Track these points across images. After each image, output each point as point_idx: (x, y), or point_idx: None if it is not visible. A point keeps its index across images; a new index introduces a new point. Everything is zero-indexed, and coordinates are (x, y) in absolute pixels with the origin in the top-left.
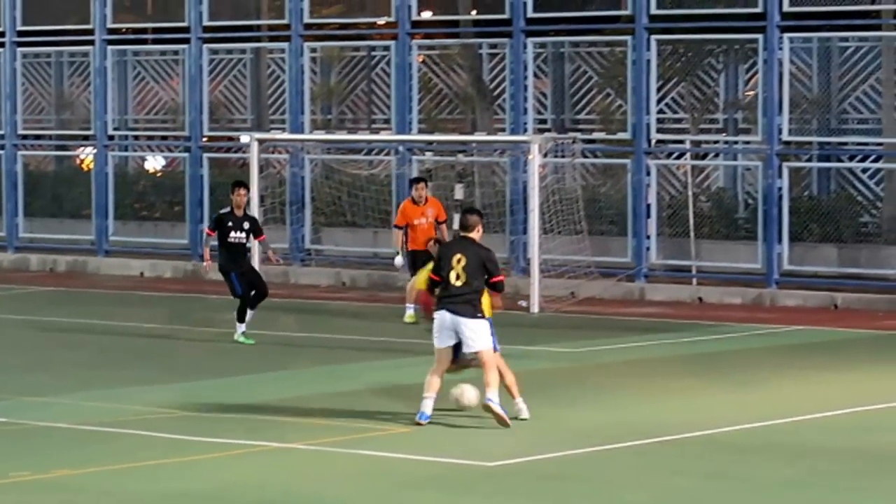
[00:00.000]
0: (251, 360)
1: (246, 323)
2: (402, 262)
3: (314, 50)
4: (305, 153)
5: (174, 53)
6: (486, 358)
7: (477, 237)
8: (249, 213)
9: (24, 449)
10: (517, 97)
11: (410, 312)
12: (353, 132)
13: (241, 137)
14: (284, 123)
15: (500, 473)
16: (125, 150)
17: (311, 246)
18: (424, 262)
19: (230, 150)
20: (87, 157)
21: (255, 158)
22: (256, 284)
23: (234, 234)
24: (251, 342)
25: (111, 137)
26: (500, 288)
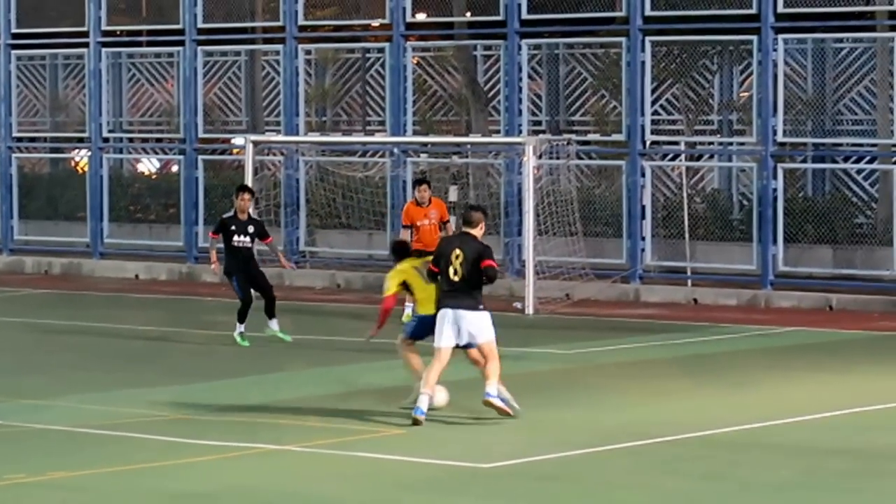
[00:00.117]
0: (246, 362)
1: (270, 324)
2: None
3: (309, 52)
4: (300, 155)
5: (169, 56)
6: (487, 349)
7: (479, 234)
8: (254, 216)
9: (19, 451)
10: (512, 99)
11: (408, 312)
12: (347, 134)
13: (235, 140)
14: (279, 125)
15: (494, 475)
16: (120, 152)
17: (305, 248)
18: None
19: (224, 152)
20: (81, 159)
21: (249, 160)
22: (262, 287)
23: (237, 238)
24: (246, 343)
25: (106, 140)
26: (489, 273)
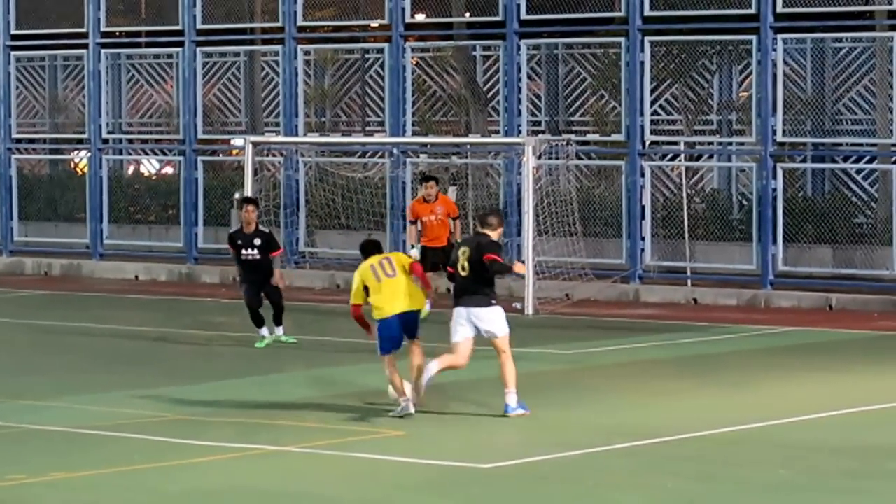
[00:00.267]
0: (246, 363)
1: (273, 328)
2: (416, 254)
3: (308, 53)
4: (299, 156)
5: (168, 57)
6: (501, 344)
7: (495, 236)
8: (263, 228)
9: (20, 452)
10: (511, 99)
11: (427, 309)
12: (347, 135)
13: (234, 140)
14: (278, 126)
15: (493, 475)
16: (119, 153)
17: (305, 248)
18: (434, 258)
19: (224, 153)
20: (81, 160)
21: (249, 161)
22: (271, 298)
23: (245, 251)
24: (261, 345)
25: (105, 141)
26: (495, 267)
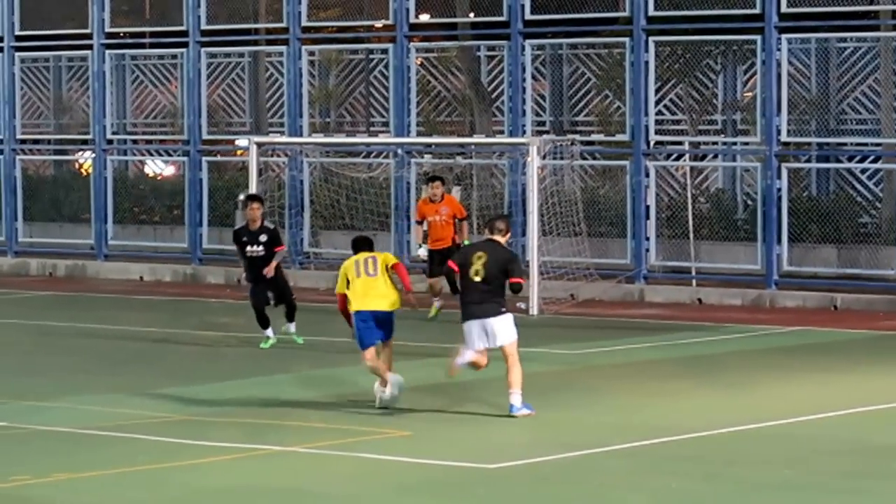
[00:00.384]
0: (250, 363)
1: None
2: (424, 253)
3: (312, 53)
4: (304, 156)
5: (172, 57)
6: (509, 351)
7: (502, 241)
8: (268, 224)
9: (24, 453)
10: (515, 99)
11: (437, 305)
12: (351, 135)
13: (239, 141)
14: (283, 127)
15: (497, 476)
16: (124, 154)
17: (309, 249)
18: (441, 259)
19: (228, 153)
20: (85, 161)
21: (253, 162)
22: (280, 294)
23: (250, 248)
24: (265, 346)
25: (110, 142)
26: (516, 289)
